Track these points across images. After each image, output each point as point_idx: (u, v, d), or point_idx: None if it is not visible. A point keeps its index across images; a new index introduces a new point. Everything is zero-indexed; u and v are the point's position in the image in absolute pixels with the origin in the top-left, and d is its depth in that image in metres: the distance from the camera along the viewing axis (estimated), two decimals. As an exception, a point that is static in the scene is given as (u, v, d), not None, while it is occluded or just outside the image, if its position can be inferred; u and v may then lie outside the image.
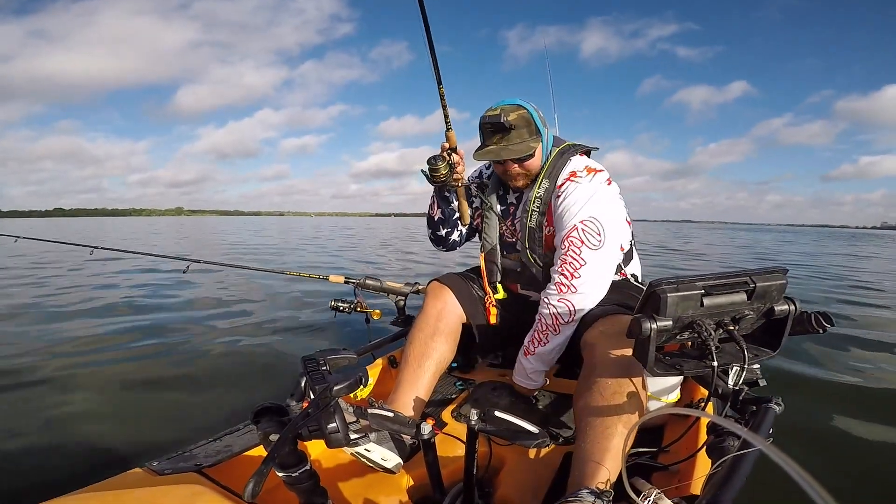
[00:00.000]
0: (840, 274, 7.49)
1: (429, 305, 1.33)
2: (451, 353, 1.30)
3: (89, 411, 1.97)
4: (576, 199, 1.18)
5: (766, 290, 0.78)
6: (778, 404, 0.84)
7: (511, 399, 1.37)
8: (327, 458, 1.10)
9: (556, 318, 1.18)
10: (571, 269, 1.16)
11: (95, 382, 2.28)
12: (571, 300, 1.16)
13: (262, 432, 0.68)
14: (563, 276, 1.17)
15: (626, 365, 0.96)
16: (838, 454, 1.67)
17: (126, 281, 5.48)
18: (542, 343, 1.22)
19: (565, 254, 1.18)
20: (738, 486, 0.65)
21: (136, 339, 3.03)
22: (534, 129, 1.21)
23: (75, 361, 2.58)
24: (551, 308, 1.18)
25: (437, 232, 1.45)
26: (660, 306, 0.74)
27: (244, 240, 15.49)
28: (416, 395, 1.20)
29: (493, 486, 1.02)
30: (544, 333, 1.21)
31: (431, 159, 1.25)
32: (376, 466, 0.97)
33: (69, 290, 4.84)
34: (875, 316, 4.08)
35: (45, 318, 3.64)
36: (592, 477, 0.83)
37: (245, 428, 1.07)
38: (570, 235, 1.17)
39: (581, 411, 0.97)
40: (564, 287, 1.16)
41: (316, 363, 0.77)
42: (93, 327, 3.36)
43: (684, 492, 0.85)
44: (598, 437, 0.89)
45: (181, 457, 0.93)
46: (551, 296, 1.19)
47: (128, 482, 0.81)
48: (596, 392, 0.95)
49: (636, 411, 0.92)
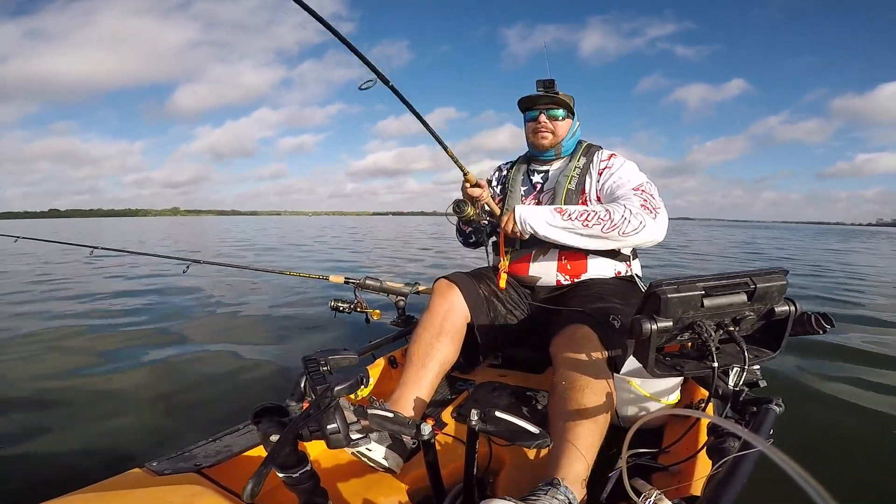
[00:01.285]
0: (832, 267, 7.65)
1: (435, 304, 1.32)
2: (455, 354, 1.30)
3: (88, 411, 1.97)
4: (630, 168, 1.34)
5: (767, 291, 0.78)
6: (778, 405, 0.85)
7: (511, 399, 1.37)
8: (328, 459, 1.10)
9: (621, 217, 1.19)
10: (653, 205, 1.22)
11: (95, 382, 2.28)
12: (647, 219, 1.19)
13: (262, 433, 0.68)
14: (648, 200, 1.22)
15: (584, 366, 1.00)
16: (839, 454, 1.68)
17: (125, 280, 5.48)
18: (583, 216, 1.21)
19: (643, 193, 1.25)
20: (739, 486, 0.65)
21: (136, 338, 3.03)
22: (571, 108, 1.43)
23: (74, 360, 2.58)
24: (625, 209, 1.19)
25: (469, 241, 1.61)
26: (660, 307, 0.74)
27: (250, 237, 15.49)
28: (419, 396, 1.19)
29: (493, 486, 1.02)
30: (594, 214, 1.21)
31: (457, 206, 1.37)
32: (377, 466, 0.97)
33: (70, 288, 4.84)
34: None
35: (40, 316, 3.64)
36: (557, 470, 0.86)
37: (245, 428, 1.07)
38: (642, 187, 1.26)
39: (551, 415, 1.00)
40: (649, 209, 1.20)
41: (316, 363, 0.76)
42: (92, 326, 3.36)
43: (684, 493, 0.85)
44: (565, 433, 0.92)
45: (181, 457, 0.93)
46: (634, 203, 1.21)
47: (127, 482, 0.81)
48: (559, 393, 0.99)
49: (599, 407, 0.95)
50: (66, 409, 1.97)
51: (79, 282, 5.44)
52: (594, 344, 1.04)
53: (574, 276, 1.36)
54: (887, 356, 2.80)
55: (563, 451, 0.89)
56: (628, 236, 1.18)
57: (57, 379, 2.31)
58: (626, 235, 1.18)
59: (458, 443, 1.09)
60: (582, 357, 1.02)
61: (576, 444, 0.88)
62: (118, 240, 15.69)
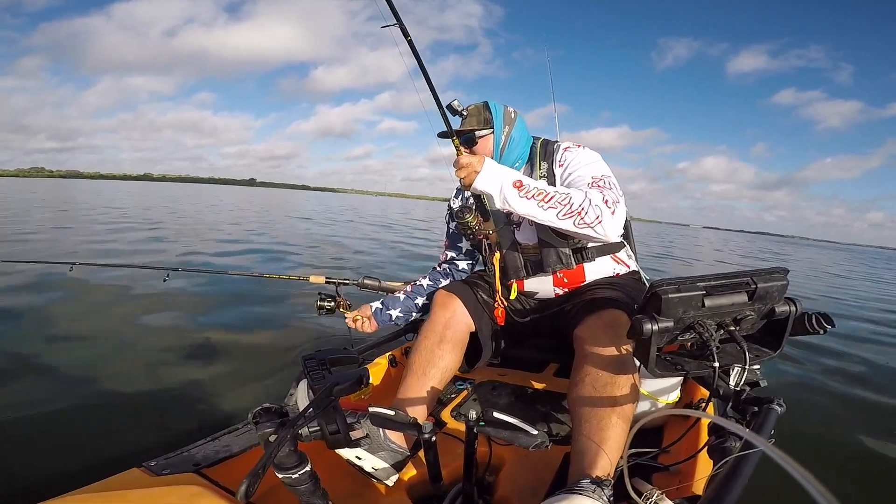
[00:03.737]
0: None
1: (436, 314, 1.29)
2: (457, 362, 1.27)
3: (85, 409, 1.96)
4: (585, 159, 1.27)
5: (768, 291, 0.78)
6: (780, 405, 0.84)
7: (511, 399, 1.37)
8: (328, 460, 1.10)
9: (579, 205, 1.10)
10: (612, 199, 1.14)
11: (93, 381, 2.28)
12: (604, 213, 1.10)
13: (261, 433, 0.67)
14: (607, 195, 1.14)
15: (617, 357, 0.97)
16: (839, 454, 1.68)
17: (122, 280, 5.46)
18: (542, 196, 1.11)
19: (602, 186, 1.16)
20: (741, 486, 0.65)
21: (134, 338, 3.02)
22: (483, 119, 1.31)
23: (72, 360, 2.57)
24: (585, 198, 1.11)
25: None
26: (661, 307, 0.74)
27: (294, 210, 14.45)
28: (419, 402, 1.16)
29: (492, 486, 1.02)
30: (552, 197, 1.11)
31: (459, 212, 1.27)
32: (369, 475, 0.96)
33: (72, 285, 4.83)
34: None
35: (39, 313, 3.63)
36: (591, 468, 0.83)
37: (244, 427, 1.06)
38: (600, 180, 1.18)
39: (574, 404, 0.97)
40: (611, 203, 1.13)
41: (316, 363, 0.76)
42: (90, 326, 3.35)
43: (685, 493, 0.85)
44: (594, 429, 0.89)
45: (179, 457, 0.92)
46: (594, 195, 1.13)
47: (125, 482, 0.80)
48: (588, 384, 0.96)
49: (630, 402, 0.93)
50: (61, 407, 1.96)
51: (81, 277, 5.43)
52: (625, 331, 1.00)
53: (572, 287, 1.33)
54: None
55: (597, 449, 0.86)
56: (581, 228, 1.11)
57: (54, 376, 2.30)
58: (580, 227, 1.11)
59: (457, 442, 1.09)
60: (617, 346, 0.97)
61: (607, 441, 0.87)
62: (171, 207, 14.72)
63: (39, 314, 3.53)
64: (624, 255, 1.38)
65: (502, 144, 1.32)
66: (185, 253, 6.15)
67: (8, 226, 7.67)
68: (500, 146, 1.32)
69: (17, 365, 2.50)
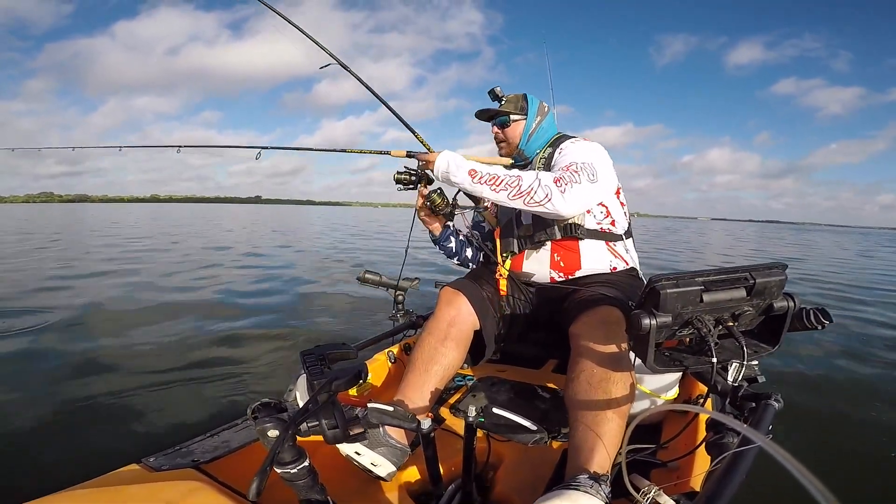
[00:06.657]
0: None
1: (442, 311, 1.30)
2: (460, 360, 1.27)
3: (83, 406, 1.96)
4: (577, 149, 1.34)
5: (766, 287, 0.78)
6: (777, 401, 0.84)
7: (510, 395, 1.37)
8: (326, 455, 1.10)
9: (528, 186, 1.19)
10: (568, 180, 1.20)
11: (92, 380, 2.28)
12: (553, 192, 1.18)
13: (260, 428, 0.67)
14: (563, 176, 1.21)
15: (612, 353, 0.97)
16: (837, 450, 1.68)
17: (121, 280, 5.46)
18: (493, 181, 1.22)
19: (568, 170, 1.23)
20: (738, 482, 0.65)
21: (133, 337, 3.02)
22: (520, 107, 1.45)
23: (70, 359, 2.57)
24: (535, 179, 1.20)
25: (455, 256, 1.63)
26: (659, 302, 0.74)
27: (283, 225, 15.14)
28: (420, 399, 1.16)
29: (491, 482, 1.02)
30: (502, 181, 1.22)
31: (428, 196, 1.39)
32: (368, 472, 0.96)
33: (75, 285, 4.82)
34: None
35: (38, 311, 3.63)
36: (588, 463, 0.84)
37: (243, 423, 1.06)
38: (573, 165, 1.24)
39: (571, 401, 0.97)
40: (562, 183, 1.19)
41: (315, 358, 0.76)
42: (89, 324, 3.35)
43: (683, 488, 0.86)
44: (591, 425, 0.89)
45: (178, 452, 0.92)
46: (546, 176, 1.21)
47: (124, 478, 0.80)
48: (584, 381, 0.96)
49: (626, 397, 0.93)
50: (60, 405, 1.97)
51: (81, 278, 5.42)
52: (622, 329, 1.00)
53: (568, 273, 1.35)
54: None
55: (594, 445, 0.86)
56: (531, 206, 1.20)
57: (51, 375, 2.30)
58: (530, 205, 1.20)
59: (456, 438, 1.09)
60: (611, 342, 0.98)
61: (603, 437, 0.87)
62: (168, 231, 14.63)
63: (42, 314, 3.54)
64: (622, 248, 1.38)
65: (531, 131, 1.46)
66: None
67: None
68: (529, 132, 1.46)
69: (18, 365, 2.50)
